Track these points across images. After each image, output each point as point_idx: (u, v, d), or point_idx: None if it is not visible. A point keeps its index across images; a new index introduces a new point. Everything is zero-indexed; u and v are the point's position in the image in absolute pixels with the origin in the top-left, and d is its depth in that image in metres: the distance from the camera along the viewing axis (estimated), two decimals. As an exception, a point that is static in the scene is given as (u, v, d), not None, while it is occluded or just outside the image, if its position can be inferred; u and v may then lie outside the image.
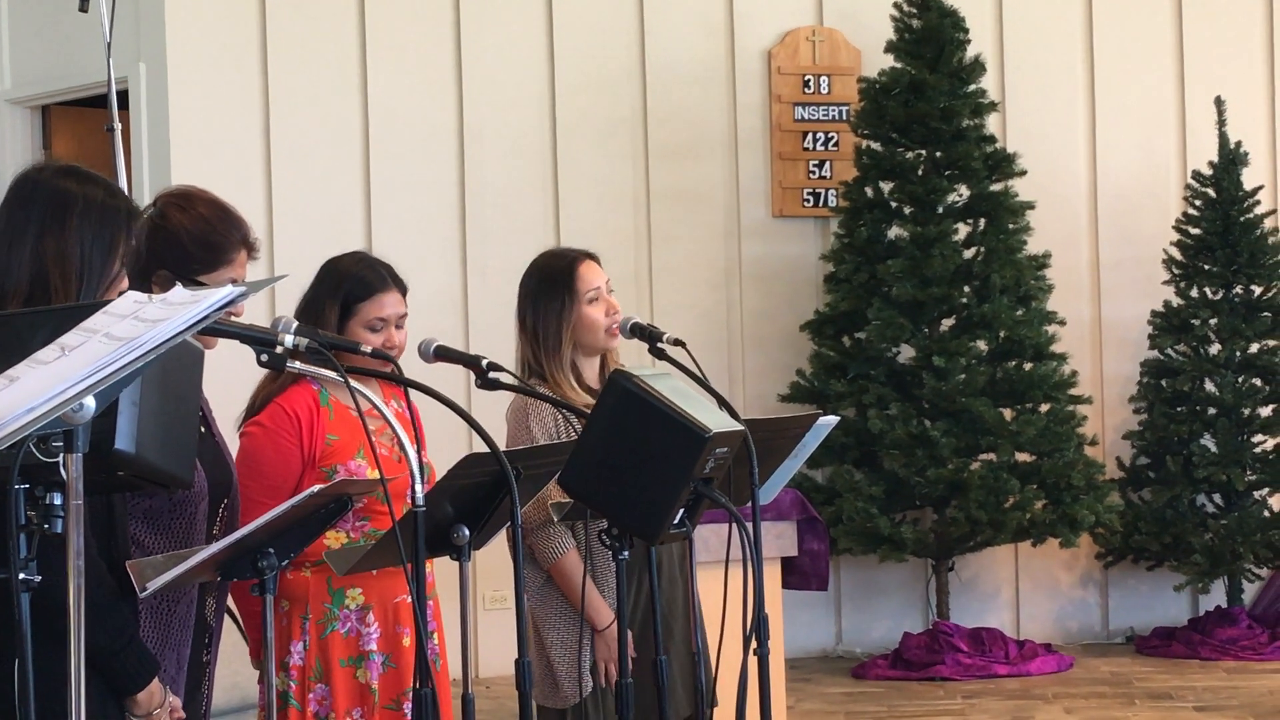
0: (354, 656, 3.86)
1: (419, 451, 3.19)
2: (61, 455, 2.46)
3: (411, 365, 3.96)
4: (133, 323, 2.42)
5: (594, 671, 4.18)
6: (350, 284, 3.95)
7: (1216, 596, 8.57)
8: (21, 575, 2.51)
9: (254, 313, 3.66)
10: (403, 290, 4.00)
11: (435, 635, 3.98)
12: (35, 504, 2.53)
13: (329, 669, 3.83)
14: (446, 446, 4.13)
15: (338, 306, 3.93)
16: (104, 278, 2.97)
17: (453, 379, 5.40)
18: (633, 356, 4.79)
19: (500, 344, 4.58)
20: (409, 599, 3.88)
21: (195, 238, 3.37)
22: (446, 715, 3.86)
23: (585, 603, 4.10)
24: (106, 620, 2.97)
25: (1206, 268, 8.55)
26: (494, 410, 4.24)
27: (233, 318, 3.22)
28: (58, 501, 2.52)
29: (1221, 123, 8.50)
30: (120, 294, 2.73)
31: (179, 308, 2.43)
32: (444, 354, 3.64)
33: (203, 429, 3.36)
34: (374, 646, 3.86)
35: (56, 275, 2.94)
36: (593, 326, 4.24)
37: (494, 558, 4.24)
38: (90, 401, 2.37)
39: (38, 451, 2.45)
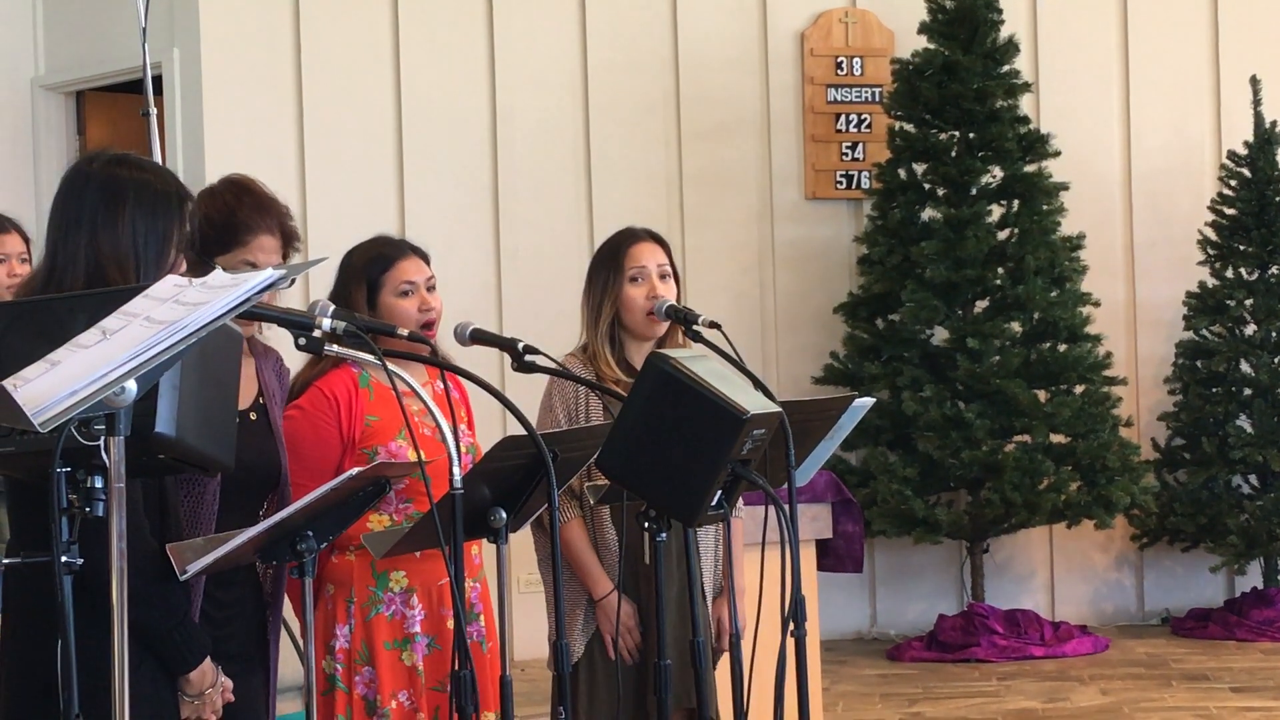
0: (399, 639, 3.86)
1: (457, 433, 3.19)
2: (103, 438, 2.47)
3: (448, 348, 3.98)
4: (173, 306, 2.42)
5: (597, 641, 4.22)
6: (369, 262, 3.98)
7: (1253, 578, 8.53)
8: (64, 558, 2.52)
9: (287, 300, 3.66)
10: (423, 257, 4.02)
11: (483, 618, 3.99)
12: (77, 487, 2.54)
13: (374, 652, 3.84)
14: (481, 429, 4.14)
15: (364, 287, 3.95)
16: (160, 268, 2.95)
17: (487, 361, 5.41)
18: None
19: (532, 326, 4.60)
20: None
21: (210, 219, 3.37)
22: (493, 697, 3.86)
23: (583, 571, 4.19)
24: (158, 600, 2.98)
25: (1242, 248, 8.50)
26: (530, 393, 4.24)
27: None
28: (99, 485, 2.53)
29: (1257, 102, 8.44)
30: None
31: (219, 291, 2.43)
32: (480, 337, 3.64)
33: (253, 416, 3.37)
34: (418, 629, 3.86)
35: (113, 269, 2.94)
36: (630, 306, 4.24)
37: (529, 540, 4.25)
38: (132, 385, 2.37)
39: (79, 435, 2.46)
